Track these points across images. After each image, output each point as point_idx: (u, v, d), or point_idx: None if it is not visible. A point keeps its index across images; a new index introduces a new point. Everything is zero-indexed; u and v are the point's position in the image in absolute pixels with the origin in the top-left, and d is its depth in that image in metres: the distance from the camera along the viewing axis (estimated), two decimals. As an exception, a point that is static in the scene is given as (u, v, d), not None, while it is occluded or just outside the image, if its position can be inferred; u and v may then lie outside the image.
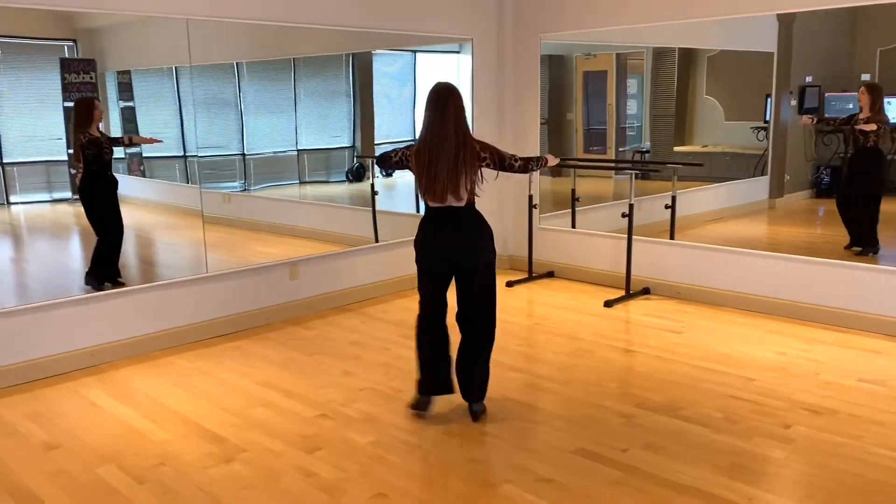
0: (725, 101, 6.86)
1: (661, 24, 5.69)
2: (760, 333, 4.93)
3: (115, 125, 5.24)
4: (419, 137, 3.49)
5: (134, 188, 5.45)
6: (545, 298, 5.98)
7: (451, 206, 3.47)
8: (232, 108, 5.80)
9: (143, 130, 5.35)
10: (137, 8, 4.53)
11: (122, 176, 5.08)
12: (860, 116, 5.53)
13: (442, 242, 3.53)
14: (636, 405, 3.81)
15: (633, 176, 5.78)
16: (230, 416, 3.77)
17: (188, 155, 5.25)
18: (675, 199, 5.86)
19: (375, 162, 5.12)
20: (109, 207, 4.93)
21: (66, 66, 4.79)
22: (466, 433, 3.55)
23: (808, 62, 6.23)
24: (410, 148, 3.53)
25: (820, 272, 5.13)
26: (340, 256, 5.85)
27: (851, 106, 5.72)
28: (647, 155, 7.33)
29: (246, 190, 6.09)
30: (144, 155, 5.49)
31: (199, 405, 3.91)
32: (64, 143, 4.85)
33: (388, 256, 6.05)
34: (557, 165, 5.20)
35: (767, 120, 6.39)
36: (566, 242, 6.56)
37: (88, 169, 4.77)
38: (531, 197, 6.42)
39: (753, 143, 6.50)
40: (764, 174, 6.49)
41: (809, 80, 6.22)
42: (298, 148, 6.38)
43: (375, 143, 6.77)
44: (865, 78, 5.79)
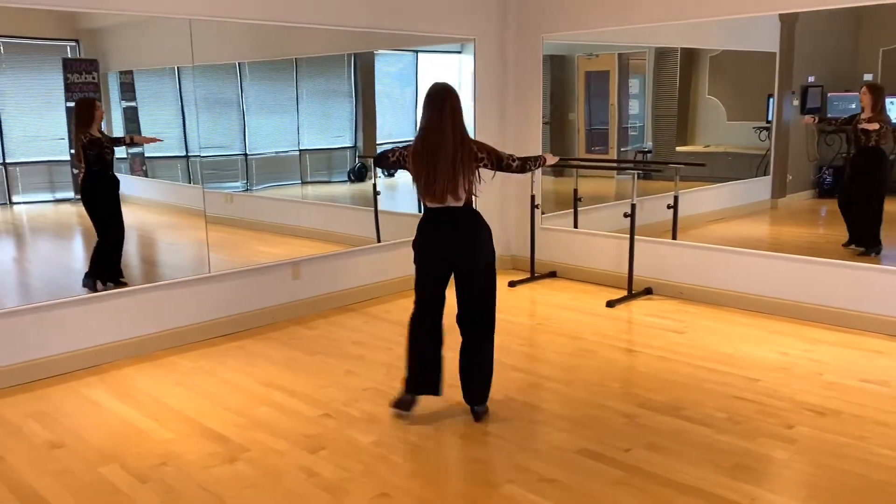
0: (728, 101, 6.85)
1: (663, 24, 5.70)
2: (763, 334, 4.93)
3: (117, 125, 5.24)
4: (416, 138, 3.49)
5: (136, 188, 5.45)
6: (547, 298, 5.98)
7: (449, 206, 3.47)
8: (234, 108, 5.80)
9: (145, 130, 5.35)
10: (139, 8, 4.54)
11: (124, 176, 5.09)
12: (862, 116, 5.52)
13: (441, 243, 3.53)
14: (638, 405, 3.81)
15: (635, 176, 5.79)
16: (233, 415, 3.77)
17: (190, 155, 5.25)
18: (677, 199, 5.86)
19: (373, 161, 5.12)
20: (111, 207, 4.94)
21: (68, 66, 4.80)
22: (469, 433, 3.55)
23: (810, 62, 6.22)
24: (408, 148, 3.52)
25: (822, 272, 5.13)
26: (343, 256, 5.86)
27: (854, 106, 5.72)
28: (649, 155, 7.33)
29: (248, 190, 6.09)
30: (147, 155, 5.49)
31: (201, 405, 3.91)
32: (66, 143, 4.85)
33: (390, 256, 6.05)
34: (556, 165, 5.20)
35: (770, 120, 6.38)
36: (568, 242, 6.56)
37: (90, 169, 4.77)
38: (533, 197, 6.42)
39: (756, 143, 6.50)
40: (766, 174, 6.48)
41: (812, 80, 6.21)
42: (300, 148, 6.38)
43: (377, 143, 6.77)
44: (868, 78, 5.78)
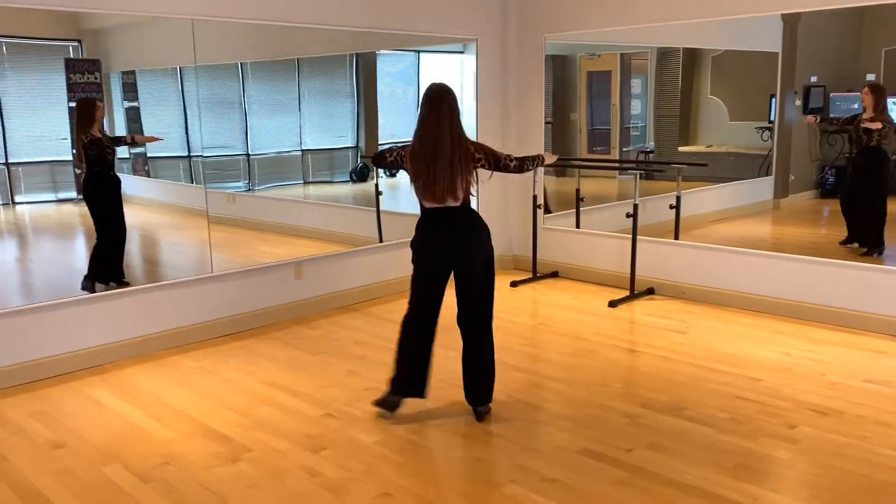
0: (730, 101, 6.84)
1: (665, 24, 5.69)
2: (765, 334, 4.93)
3: (119, 125, 5.25)
4: (414, 138, 3.48)
5: (138, 188, 5.46)
6: (549, 298, 5.98)
7: (448, 206, 3.47)
8: (236, 108, 5.80)
9: (147, 130, 5.36)
10: (141, 8, 4.54)
11: (126, 176, 5.09)
12: (864, 116, 5.52)
13: (440, 243, 3.54)
14: (641, 405, 3.81)
15: (637, 176, 5.79)
16: (235, 415, 3.77)
17: (193, 155, 5.26)
18: (679, 199, 5.86)
19: (371, 160, 5.12)
20: (112, 207, 4.94)
21: (70, 66, 4.80)
22: (471, 433, 3.55)
23: (812, 62, 6.22)
24: (406, 148, 3.52)
25: (825, 272, 5.13)
26: (345, 256, 5.86)
27: (856, 106, 5.71)
28: (651, 155, 7.32)
29: (250, 190, 6.10)
30: (149, 155, 5.49)
31: (204, 404, 3.92)
32: (69, 143, 4.86)
33: (392, 256, 6.05)
34: (555, 164, 5.20)
35: (772, 120, 6.38)
36: (570, 242, 6.55)
37: (91, 169, 4.78)
38: (535, 197, 6.42)
39: (758, 143, 6.49)
40: (768, 174, 6.47)
41: (814, 80, 6.21)
42: (302, 148, 6.38)
43: (379, 143, 6.77)
44: (870, 78, 5.78)
